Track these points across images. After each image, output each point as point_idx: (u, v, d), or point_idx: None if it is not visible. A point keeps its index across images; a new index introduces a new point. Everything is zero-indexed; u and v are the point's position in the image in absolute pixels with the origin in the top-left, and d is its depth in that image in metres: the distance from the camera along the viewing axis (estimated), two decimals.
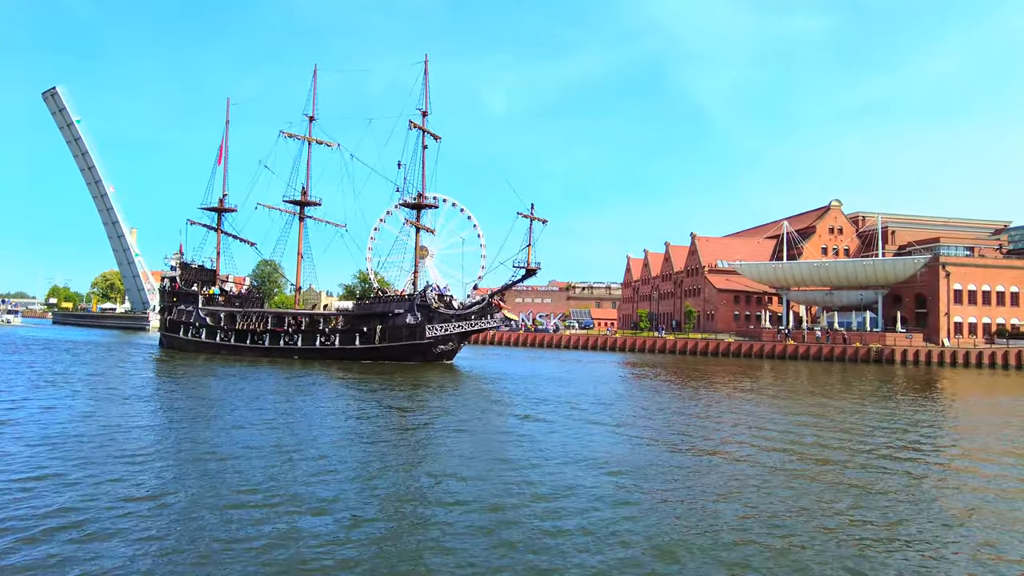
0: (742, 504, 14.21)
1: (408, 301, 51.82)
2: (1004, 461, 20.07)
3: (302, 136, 60.71)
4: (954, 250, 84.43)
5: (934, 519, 13.63)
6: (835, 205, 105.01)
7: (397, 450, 18.68)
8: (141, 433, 19.76)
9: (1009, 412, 33.07)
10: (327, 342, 52.80)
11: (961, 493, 15.98)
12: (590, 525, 12.22)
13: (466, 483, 14.82)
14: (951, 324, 78.38)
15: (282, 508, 12.51)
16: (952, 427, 27.82)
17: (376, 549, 10.69)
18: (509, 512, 12.76)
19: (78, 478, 14.05)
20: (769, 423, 26.08)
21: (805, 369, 60.28)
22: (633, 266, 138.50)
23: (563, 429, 22.76)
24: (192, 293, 60.33)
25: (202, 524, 11.46)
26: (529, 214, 49.08)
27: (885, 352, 70.24)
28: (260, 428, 21.04)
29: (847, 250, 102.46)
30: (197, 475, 14.81)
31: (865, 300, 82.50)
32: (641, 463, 17.97)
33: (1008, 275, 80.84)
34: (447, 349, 52.00)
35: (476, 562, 10.26)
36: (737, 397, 35.66)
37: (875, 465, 18.68)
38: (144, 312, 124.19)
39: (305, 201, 61.04)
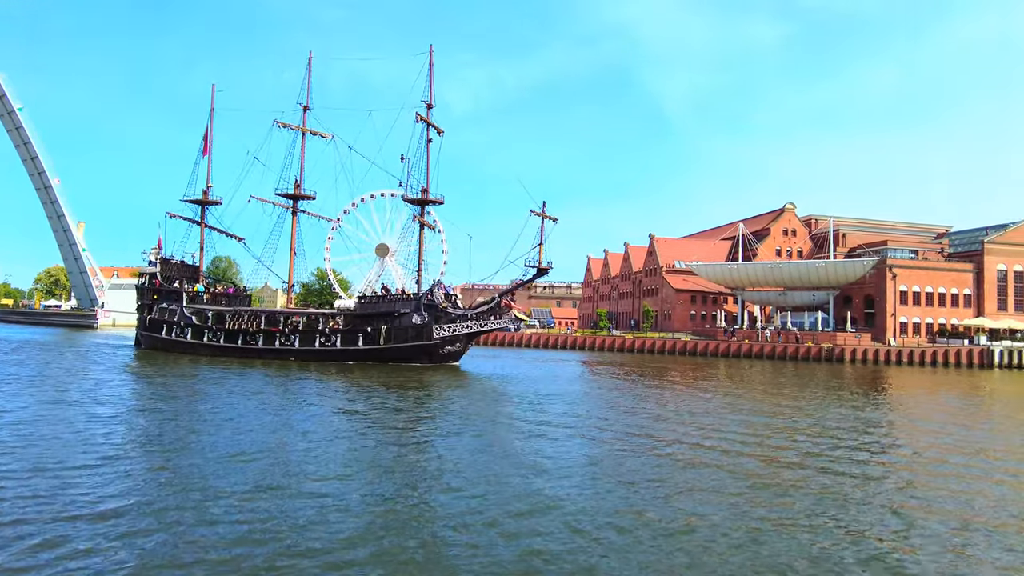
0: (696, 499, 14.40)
1: (414, 300, 50.13)
2: (949, 458, 20.81)
3: (296, 126, 57.75)
4: (900, 253, 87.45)
5: (883, 514, 14.06)
6: (789, 208, 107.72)
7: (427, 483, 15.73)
8: (134, 450, 17.84)
9: (954, 410, 34.38)
10: (327, 343, 50.69)
11: (905, 488, 16.51)
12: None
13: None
14: (897, 324, 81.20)
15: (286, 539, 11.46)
16: (903, 426, 28.76)
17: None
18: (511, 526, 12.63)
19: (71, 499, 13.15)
20: (725, 423, 26.56)
21: (759, 367, 61.66)
22: (593, 266, 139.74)
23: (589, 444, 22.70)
24: (175, 290, 57.31)
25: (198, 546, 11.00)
26: (541, 212, 47.78)
27: (835, 351, 72.39)
28: (265, 441, 19.51)
29: (800, 252, 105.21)
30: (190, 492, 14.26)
31: (817, 300, 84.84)
32: (615, 465, 18.08)
33: (949, 277, 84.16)
34: (454, 350, 50.46)
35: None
36: (696, 396, 36.24)
37: (828, 465, 19.17)
38: (92, 309, 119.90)
39: (298, 195, 58.44)
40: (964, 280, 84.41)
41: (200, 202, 61.34)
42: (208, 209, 61.92)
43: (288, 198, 58.73)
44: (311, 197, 59.15)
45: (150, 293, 58.66)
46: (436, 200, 54.22)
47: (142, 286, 60.15)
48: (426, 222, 55.06)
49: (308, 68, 58.45)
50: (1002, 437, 25.49)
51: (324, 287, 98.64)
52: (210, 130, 61.69)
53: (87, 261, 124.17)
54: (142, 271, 60.77)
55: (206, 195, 61.30)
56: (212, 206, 61.86)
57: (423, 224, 54.41)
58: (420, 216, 54.19)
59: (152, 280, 58.84)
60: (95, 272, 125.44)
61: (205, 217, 61.92)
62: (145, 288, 59.45)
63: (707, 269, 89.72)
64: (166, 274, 58.88)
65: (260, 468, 16.01)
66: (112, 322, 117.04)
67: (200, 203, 61.41)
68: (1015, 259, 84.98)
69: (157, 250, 60.01)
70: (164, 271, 58.82)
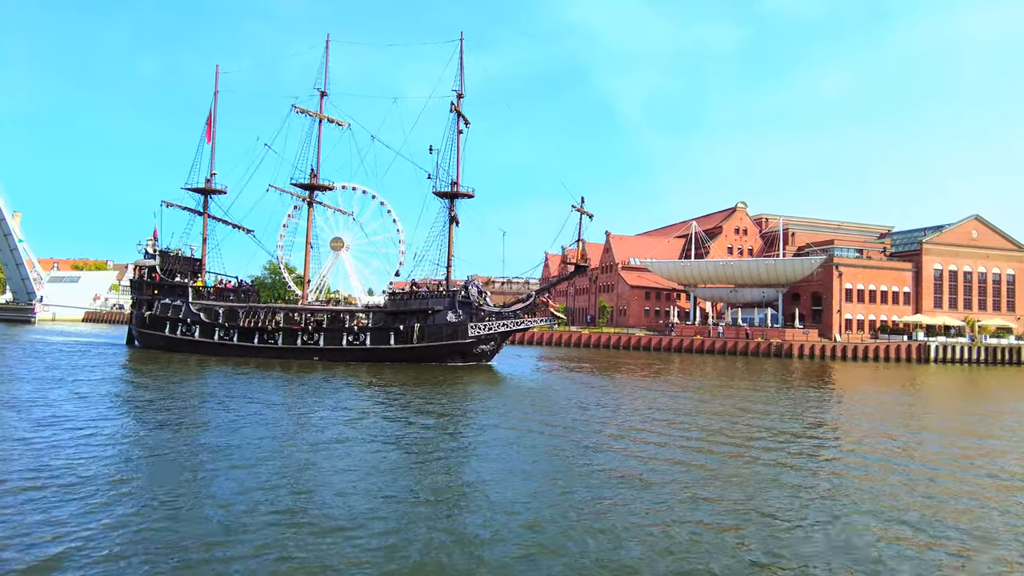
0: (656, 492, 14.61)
1: (449, 297, 48.13)
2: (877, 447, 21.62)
3: (314, 112, 54.39)
4: (846, 252, 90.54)
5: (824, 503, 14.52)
6: (740, 207, 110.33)
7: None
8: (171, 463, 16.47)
9: (893, 405, 35.78)
10: (355, 341, 48.27)
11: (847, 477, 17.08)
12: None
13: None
14: (842, 320, 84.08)
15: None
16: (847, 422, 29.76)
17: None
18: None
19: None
20: (682, 415, 27.03)
21: (711, 363, 63.02)
22: (551, 262, 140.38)
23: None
24: (180, 285, 53.66)
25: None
26: (580, 208, 46.63)
27: (784, 347, 74.54)
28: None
29: (751, 250, 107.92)
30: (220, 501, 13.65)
31: (767, 297, 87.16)
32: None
33: (891, 276, 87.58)
34: (487, 349, 48.82)
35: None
36: (651, 388, 36.78)
37: (775, 458, 19.70)
38: (29, 303, 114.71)
39: (315, 184, 55.08)
40: (904, 279, 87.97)
41: (203, 191, 57.32)
42: (211, 199, 57.88)
43: (304, 188, 55.54)
44: (329, 187, 56.24)
45: (149, 288, 54.59)
46: (466, 194, 51.25)
47: (139, 280, 55.94)
48: (455, 215, 51.31)
49: (326, 51, 54.90)
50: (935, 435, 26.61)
51: (276, 281, 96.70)
52: (214, 115, 57.86)
53: (24, 253, 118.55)
54: (138, 264, 56.39)
55: (209, 183, 57.21)
56: (216, 195, 57.83)
57: (453, 219, 51.55)
58: (451, 210, 51.47)
59: (151, 274, 54.67)
60: (32, 264, 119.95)
61: (208, 207, 57.88)
62: (143, 283, 55.24)
63: (661, 266, 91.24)
64: (167, 268, 54.78)
65: (333, 504, 13.82)
66: (52, 316, 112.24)
67: (203, 192, 57.40)
68: (950, 259, 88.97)
69: (153, 241, 56.07)
70: (164, 264, 54.77)
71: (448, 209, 51.00)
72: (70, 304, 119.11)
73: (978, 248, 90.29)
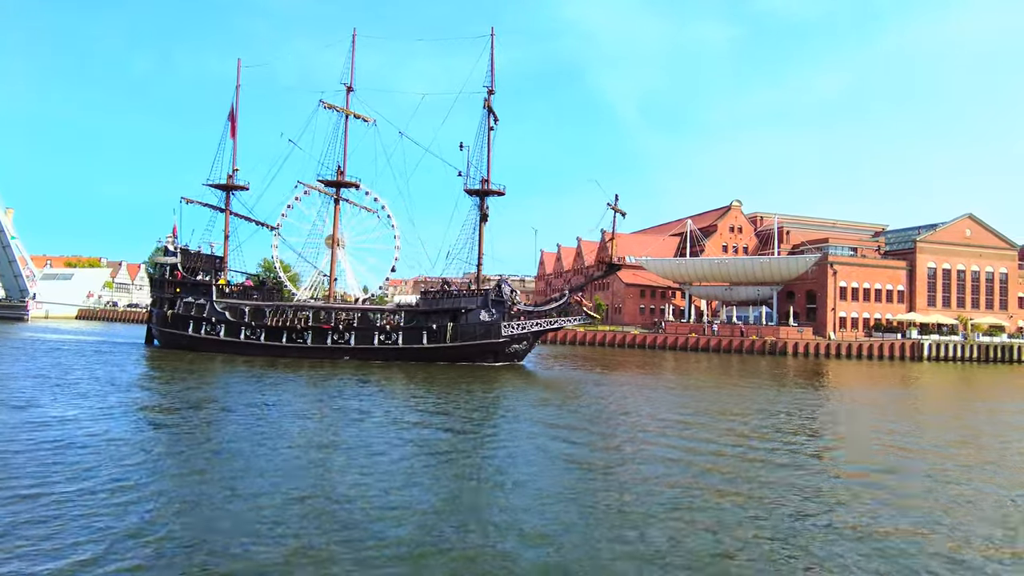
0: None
1: (481, 296, 47.57)
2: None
3: (340, 108, 53.24)
4: (840, 250, 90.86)
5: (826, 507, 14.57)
6: (735, 205, 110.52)
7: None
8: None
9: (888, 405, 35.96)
10: (387, 341, 47.44)
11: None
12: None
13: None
14: (837, 318, 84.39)
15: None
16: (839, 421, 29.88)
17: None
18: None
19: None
20: (672, 415, 27.08)
21: (705, 361, 63.18)
22: (546, 260, 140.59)
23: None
24: (203, 283, 52.50)
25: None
26: (613, 206, 46.28)
27: (778, 344, 74.82)
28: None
29: (746, 248, 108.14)
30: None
31: (762, 295, 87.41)
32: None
33: (885, 274, 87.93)
34: (520, 349, 48.15)
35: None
36: (645, 386, 36.86)
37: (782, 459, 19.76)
38: (22, 301, 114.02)
39: (341, 182, 53.83)
40: (898, 277, 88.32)
41: (225, 187, 56.13)
42: (233, 195, 56.65)
43: (330, 185, 54.27)
44: (355, 184, 54.77)
45: (170, 286, 53.33)
46: (497, 191, 50.50)
47: (160, 278, 54.68)
48: (486, 212, 50.65)
49: (352, 45, 53.38)
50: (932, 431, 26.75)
51: (273, 281, 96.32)
52: (236, 109, 56.27)
53: (16, 250, 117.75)
54: (158, 261, 55.33)
55: (231, 179, 55.96)
56: (238, 191, 56.61)
57: (484, 216, 50.66)
58: (482, 207, 50.67)
59: (173, 272, 53.44)
60: (25, 261, 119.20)
61: (230, 203, 56.15)
62: (165, 280, 53.93)
63: (656, 264, 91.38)
64: (189, 265, 53.56)
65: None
66: (45, 314, 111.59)
67: (225, 188, 56.22)
68: (943, 257, 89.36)
69: (172, 238, 54.96)
70: (186, 262, 53.52)
71: (479, 207, 50.66)
72: (63, 301, 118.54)
73: (971, 247, 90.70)
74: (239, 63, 57.21)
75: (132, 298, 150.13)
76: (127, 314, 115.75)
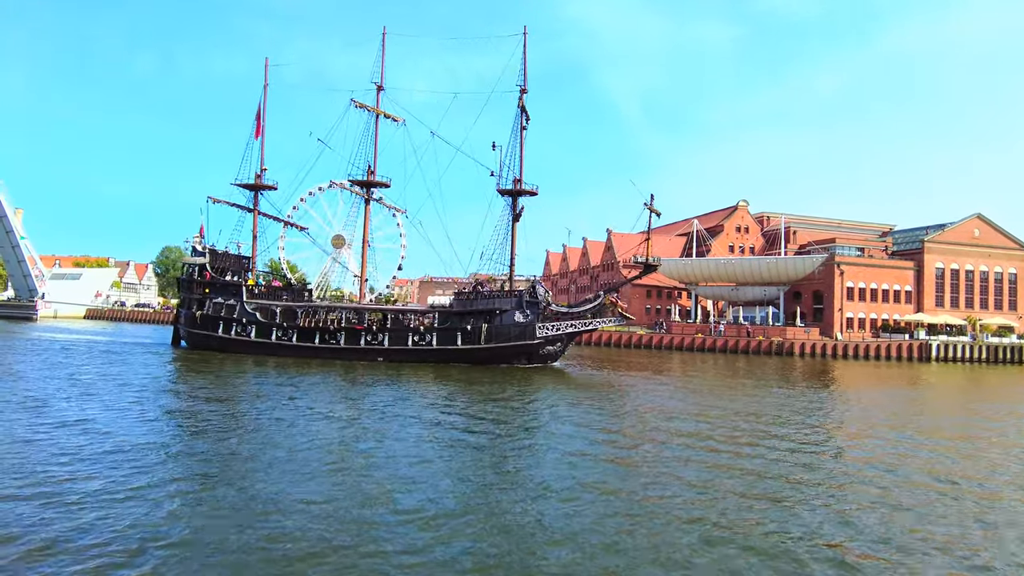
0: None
1: (516, 297, 47.26)
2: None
3: (371, 107, 53.04)
4: (847, 250, 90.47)
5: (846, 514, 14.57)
6: (742, 205, 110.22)
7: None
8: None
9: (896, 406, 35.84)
10: (421, 342, 47.24)
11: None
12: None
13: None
14: (844, 319, 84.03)
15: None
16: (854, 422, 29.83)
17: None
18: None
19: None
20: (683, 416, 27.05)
21: (712, 361, 63.04)
22: (552, 260, 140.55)
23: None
24: (234, 284, 52.34)
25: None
26: (649, 205, 46.11)
27: (785, 345, 74.56)
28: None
29: (752, 248, 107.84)
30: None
31: (768, 296, 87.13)
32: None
33: (892, 274, 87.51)
34: (554, 351, 47.93)
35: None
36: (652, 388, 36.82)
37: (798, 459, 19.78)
38: (31, 300, 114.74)
39: (372, 182, 53.67)
40: (906, 277, 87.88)
41: (253, 187, 56.23)
42: (262, 195, 56.91)
43: (361, 185, 54.11)
44: (386, 184, 54.51)
45: (199, 286, 53.07)
46: (530, 191, 50.34)
47: (188, 278, 54.31)
48: (519, 212, 50.42)
49: (382, 44, 52.95)
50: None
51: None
52: (263, 108, 56.15)
53: (26, 250, 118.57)
54: (186, 262, 55.08)
55: (259, 179, 56.09)
56: (266, 191, 56.83)
57: (517, 216, 50.52)
58: (513, 208, 50.50)
59: (201, 272, 53.18)
60: (34, 261, 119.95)
61: (258, 203, 56.58)
62: (194, 281, 53.64)
63: (662, 264, 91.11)
64: (218, 266, 53.29)
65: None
66: (54, 313, 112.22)
67: (253, 188, 56.34)
68: (952, 258, 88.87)
69: (199, 238, 54.77)
70: (215, 263, 53.31)
71: (511, 207, 50.47)
72: (72, 301, 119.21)
73: (980, 247, 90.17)
74: (267, 62, 56.76)
75: (140, 298, 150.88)
76: (135, 314, 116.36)
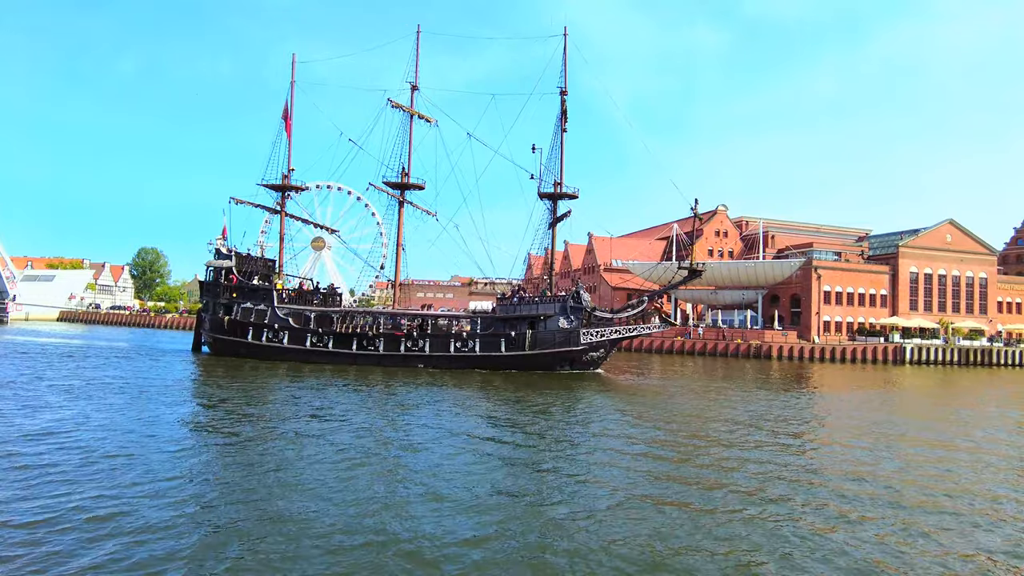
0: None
1: (559, 302, 46.67)
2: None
3: (406, 108, 51.84)
4: (824, 255, 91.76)
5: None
6: (721, 210, 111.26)
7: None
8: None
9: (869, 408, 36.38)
10: (464, 348, 46.38)
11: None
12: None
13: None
14: (821, 322, 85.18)
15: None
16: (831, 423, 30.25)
17: None
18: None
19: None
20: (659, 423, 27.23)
21: (691, 364, 63.56)
22: (534, 263, 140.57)
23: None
24: (264, 288, 50.46)
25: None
26: (694, 210, 46.28)
27: (763, 348, 75.38)
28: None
29: (731, 252, 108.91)
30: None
31: (747, 299, 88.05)
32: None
33: (868, 278, 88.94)
34: (597, 357, 47.31)
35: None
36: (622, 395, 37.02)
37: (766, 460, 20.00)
38: (1, 302, 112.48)
39: (406, 184, 52.51)
40: (881, 281, 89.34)
41: (280, 187, 54.62)
42: (289, 196, 55.59)
43: (395, 187, 53.06)
44: (420, 187, 53.34)
45: (226, 291, 50.97)
46: (570, 194, 49.72)
47: (213, 283, 52.00)
48: (562, 216, 49.78)
49: (416, 43, 51.76)
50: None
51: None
52: (291, 106, 54.63)
53: None
54: (210, 265, 52.76)
55: (287, 179, 54.61)
56: (294, 192, 55.49)
57: (557, 219, 49.76)
58: (553, 212, 49.93)
59: (228, 275, 51.31)
60: (5, 262, 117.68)
61: (285, 204, 55.41)
62: (219, 285, 51.41)
63: (642, 268, 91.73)
64: (244, 269, 51.68)
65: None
66: (25, 316, 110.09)
67: (280, 188, 54.73)
68: (925, 262, 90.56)
69: (222, 240, 53.12)
70: (242, 266, 51.68)
71: (552, 211, 50.00)
72: (44, 303, 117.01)
73: (952, 252, 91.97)
74: (294, 57, 55.47)
75: (116, 300, 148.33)
76: (111, 316, 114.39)
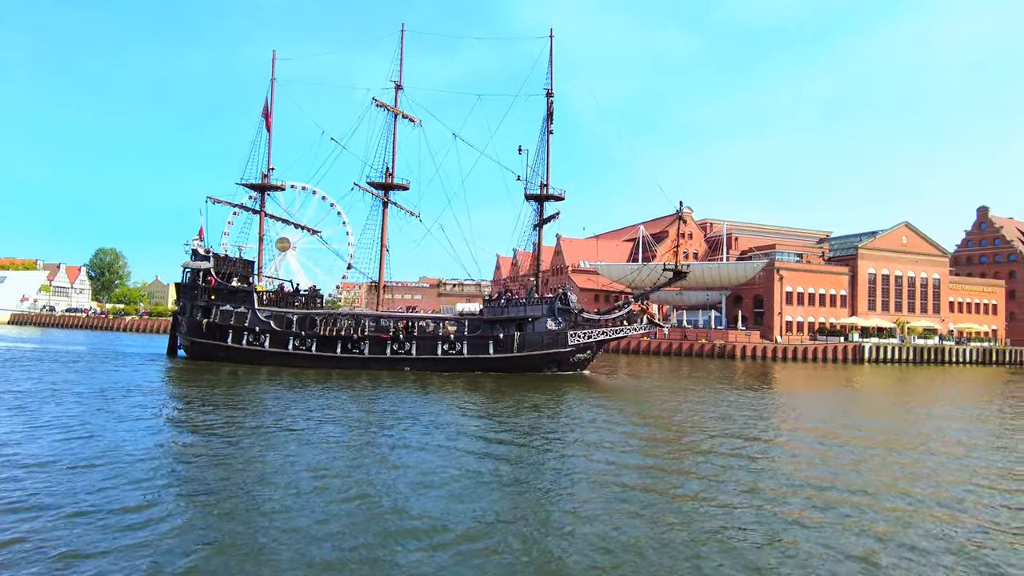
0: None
1: (547, 304, 46.59)
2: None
3: (391, 107, 51.17)
4: (787, 256, 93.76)
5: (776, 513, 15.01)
6: (686, 212, 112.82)
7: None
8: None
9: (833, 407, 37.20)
10: (451, 351, 45.92)
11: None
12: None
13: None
14: (783, 322, 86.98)
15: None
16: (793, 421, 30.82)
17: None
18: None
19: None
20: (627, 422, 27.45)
21: (657, 363, 64.30)
22: (503, 264, 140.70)
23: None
24: (244, 290, 48.85)
25: None
26: (679, 211, 46.69)
27: (727, 348, 76.62)
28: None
29: (696, 254, 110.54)
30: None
31: (711, 300, 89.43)
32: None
33: (828, 279, 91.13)
34: (584, 358, 47.44)
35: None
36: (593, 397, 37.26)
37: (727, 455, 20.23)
38: None
39: (390, 184, 51.55)
40: (841, 282, 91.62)
41: (260, 187, 52.88)
42: (268, 196, 54.10)
43: (379, 188, 52.12)
44: (404, 187, 52.38)
45: (204, 293, 49.19)
46: (557, 196, 49.83)
47: (191, 285, 50.09)
48: (548, 218, 49.83)
49: (400, 42, 51.82)
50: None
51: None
52: (271, 103, 53.33)
53: None
54: (187, 266, 50.98)
55: (266, 178, 53.05)
56: (273, 191, 54.07)
57: (544, 221, 49.84)
58: (540, 214, 49.90)
59: (206, 277, 49.51)
60: None
61: (264, 204, 53.89)
62: (197, 287, 49.47)
63: (609, 269, 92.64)
64: (222, 270, 50.04)
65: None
66: None
67: (259, 188, 52.99)
68: (883, 263, 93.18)
69: (199, 240, 51.48)
70: (220, 267, 50.11)
71: (538, 212, 50.07)
72: None
73: (907, 253, 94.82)
74: (274, 54, 54.15)
75: (72, 302, 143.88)
76: (66, 319, 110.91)
